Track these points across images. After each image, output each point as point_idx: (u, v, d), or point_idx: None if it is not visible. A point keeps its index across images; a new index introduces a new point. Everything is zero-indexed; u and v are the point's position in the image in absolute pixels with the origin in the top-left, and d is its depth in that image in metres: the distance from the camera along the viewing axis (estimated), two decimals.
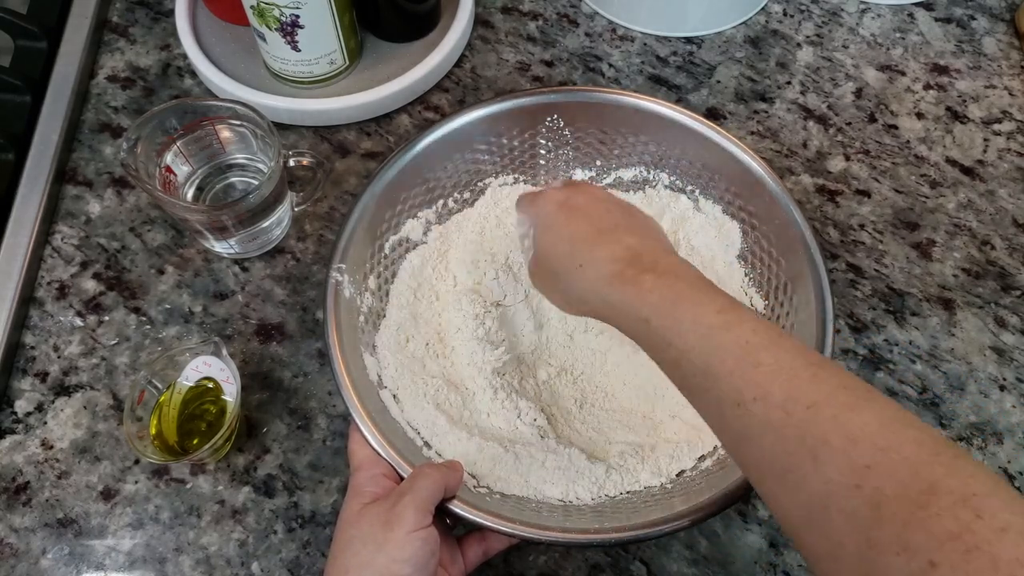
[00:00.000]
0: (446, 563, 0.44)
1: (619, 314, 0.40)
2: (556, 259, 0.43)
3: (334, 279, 0.50)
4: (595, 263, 0.41)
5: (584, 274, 0.41)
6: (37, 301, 0.58)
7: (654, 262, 0.40)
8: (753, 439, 0.33)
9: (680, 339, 0.36)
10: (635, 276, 0.39)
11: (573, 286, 0.42)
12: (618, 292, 0.39)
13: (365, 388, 0.48)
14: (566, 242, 0.43)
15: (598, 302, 0.41)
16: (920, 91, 0.68)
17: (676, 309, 0.37)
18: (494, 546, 0.47)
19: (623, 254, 0.41)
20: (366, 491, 0.43)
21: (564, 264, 0.43)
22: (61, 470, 0.53)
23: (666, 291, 0.38)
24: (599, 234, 0.42)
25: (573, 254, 0.42)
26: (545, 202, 0.46)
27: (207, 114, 0.55)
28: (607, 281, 0.40)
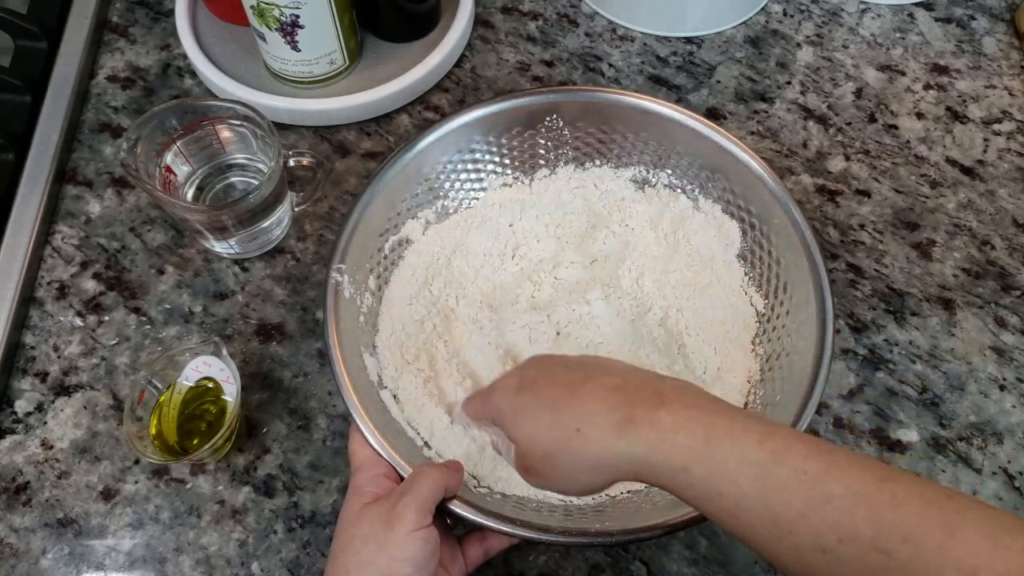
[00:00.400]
0: (447, 563, 0.44)
1: (649, 467, 0.35)
2: (544, 439, 0.38)
3: (334, 279, 0.50)
4: (592, 419, 0.36)
5: (585, 438, 0.36)
6: (37, 301, 0.58)
7: (658, 393, 0.36)
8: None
9: (732, 486, 0.33)
10: (646, 417, 0.35)
11: (578, 457, 0.37)
12: (637, 443, 0.35)
13: (365, 388, 0.48)
14: (547, 413, 0.38)
15: (617, 461, 0.36)
16: (920, 91, 0.68)
17: (713, 449, 0.33)
18: (495, 546, 0.47)
19: (617, 397, 0.36)
20: (366, 491, 0.43)
21: (556, 439, 0.37)
22: (61, 470, 0.53)
23: (693, 428, 0.34)
24: (574, 389, 0.38)
25: (561, 423, 0.37)
26: (499, 394, 0.42)
27: (207, 114, 0.55)
28: (617, 434, 0.35)
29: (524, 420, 0.39)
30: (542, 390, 0.39)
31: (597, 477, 0.37)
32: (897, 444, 0.54)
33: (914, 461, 0.53)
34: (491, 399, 0.42)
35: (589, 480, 0.37)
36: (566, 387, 0.38)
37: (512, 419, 0.40)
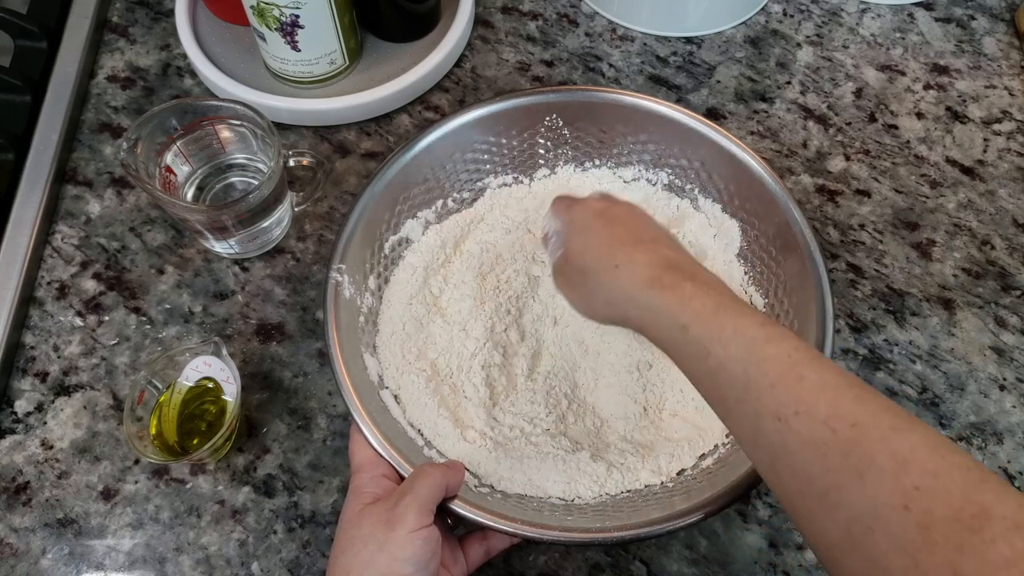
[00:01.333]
0: (448, 563, 0.44)
1: (653, 318, 0.39)
2: (590, 257, 0.42)
3: (334, 279, 0.50)
4: (632, 265, 0.40)
5: (619, 274, 0.40)
6: (37, 301, 0.58)
7: (692, 273, 0.39)
8: (793, 455, 0.32)
9: (721, 348, 0.35)
10: (674, 282, 0.38)
11: (604, 286, 0.41)
12: (656, 296, 0.38)
13: (366, 388, 0.48)
14: (604, 243, 0.42)
15: (630, 305, 0.40)
16: (920, 91, 0.68)
17: (717, 317, 0.36)
18: (496, 545, 0.47)
19: (662, 261, 0.40)
20: (367, 492, 0.43)
21: (599, 263, 0.42)
22: (61, 470, 0.53)
23: (707, 299, 0.37)
24: (638, 242, 0.42)
25: (611, 254, 0.41)
26: (583, 208, 0.45)
27: (207, 114, 0.55)
28: (644, 284, 0.39)
29: (584, 238, 0.43)
30: (614, 226, 0.43)
31: (609, 310, 0.41)
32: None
33: None
34: (573, 207, 0.46)
35: (602, 310, 0.42)
36: (633, 236, 0.42)
37: (577, 232, 0.44)
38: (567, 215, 0.46)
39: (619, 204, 0.46)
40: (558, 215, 0.47)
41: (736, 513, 0.52)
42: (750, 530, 0.51)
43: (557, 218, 0.47)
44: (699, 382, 0.37)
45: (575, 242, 0.44)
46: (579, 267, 0.43)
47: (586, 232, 0.44)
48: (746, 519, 0.51)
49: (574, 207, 0.46)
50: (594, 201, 0.46)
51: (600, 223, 0.44)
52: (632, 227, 0.43)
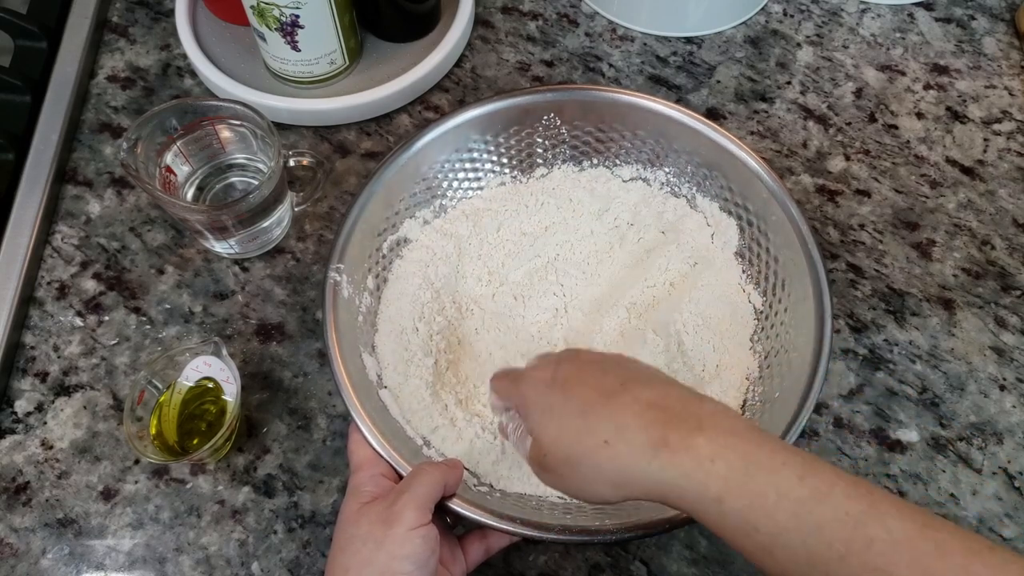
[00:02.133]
0: (447, 562, 0.44)
1: (678, 493, 0.33)
2: (568, 443, 0.36)
3: (333, 279, 0.50)
4: (623, 434, 0.35)
5: (614, 452, 0.35)
6: (37, 301, 0.58)
7: (696, 416, 0.34)
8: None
9: (768, 521, 0.31)
10: (683, 441, 0.33)
11: (602, 471, 0.35)
12: (671, 467, 0.33)
13: (364, 388, 0.48)
14: (576, 419, 0.36)
15: (644, 482, 0.34)
16: (920, 91, 0.68)
17: (752, 481, 0.32)
18: (495, 544, 0.47)
19: (652, 415, 0.35)
20: (365, 491, 0.43)
21: (581, 445, 0.36)
22: (61, 470, 0.53)
23: (731, 457, 0.33)
24: (610, 396, 0.36)
25: (591, 430, 0.35)
26: (530, 384, 0.39)
27: (207, 114, 0.55)
28: (649, 455, 0.34)
29: (550, 419, 0.38)
30: (574, 390, 0.37)
31: (617, 492, 0.36)
32: (897, 444, 0.54)
33: (914, 461, 0.53)
34: (520, 387, 0.40)
35: (607, 493, 0.36)
36: (600, 393, 0.36)
37: (538, 415, 0.38)
38: (516, 397, 0.40)
39: (564, 361, 0.40)
40: (505, 399, 0.42)
41: None
42: None
43: (505, 403, 0.42)
44: (752, 557, 0.33)
45: (543, 430, 0.38)
46: (562, 457, 0.37)
47: (548, 413, 0.38)
48: None
49: (520, 384, 0.40)
50: (537, 371, 0.40)
51: (557, 394, 0.38)
52: (591, 382, 0.37)
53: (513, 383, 0.41)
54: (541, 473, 0.39)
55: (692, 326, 0.54)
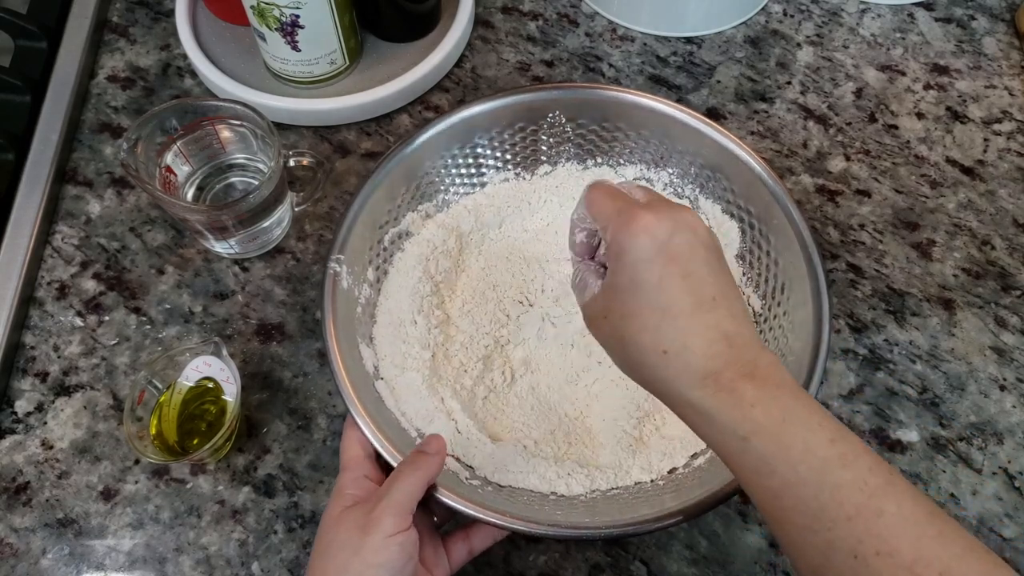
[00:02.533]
0: (430, 564, 0.44)
1: (706, 421, 0.34)
2: (635, 328, 0.35)
3: (332, 270, 0.50)
4: (685, 355, 0.34)
5: (668, 363, 0.34)
6: (37, 301, 0.58)
7: (753, 363, 0.34)
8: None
9: (788, 468, 0.32)
10: (733, 382, 0.34)
11: (647, 370, 0.35)
12: (711, 398, 0.34)
13: (361, 379, 0.49)
14: (655, 311, 0.35)
15: (677, 401, 0.35)
16: (920, 91, 0.68)
17: (784, 431, 0.33)
18: (478, 545, 0.47)
19: (720, 348, 0.34)
20: (348, 494, 0.43)
21: (644, 340, 0.35)
22: (61, 470, 0.53)
23: (771, 407, 0.33)
24: (696, 310, 0.34)
25: (660, 332, 0.35)
26: (639, 231, 0.35)
27: (207, 114, 0.55)
28: (698, 382, 0.34)
29: (632, 294, 0.35)
30: (672, 278, 0.35)
31: (646, 386, 0.36)
32: (897, 444, 0.54)
33: (914, 461, 0.53)
34: (624, 225, 0.36)
35: (636, 378, 0.37)
36: (692, 300, 0.35)
37: (624, 278, 0.36)
38: (615, 233, 0.36)
39: (681, 227, 0.36)
40: (600, 223, 0.38)
41: (736, 513, 0.52)
42: (750, 530, 0.51)
43: (596, 225, 0.39)
44: (757, 497, 0.34)
45: (618, 297, 0.36)
46: (618, 333, 0.36)
47: (634, 288, 0.35)
48: (746, 519, 0.51)
49: (628, 223, 0.36)
50: (652, 219, 0.35)
51: (657, 268, 0.35)
52: (694, 278, 0.35)
53: (617, 212, 0.37)
54: (589, 321, 0.39)
55: None
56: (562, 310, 0.55)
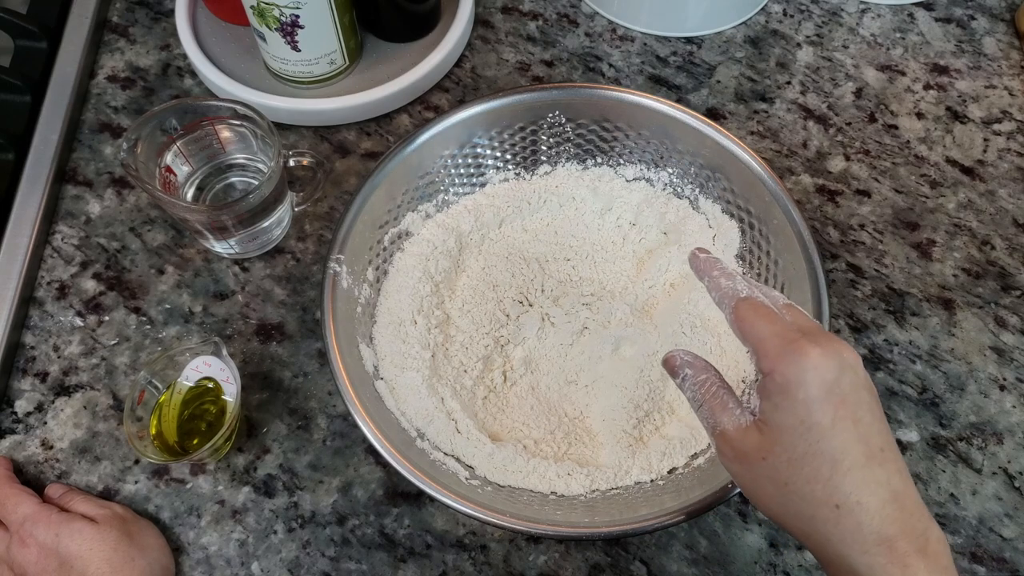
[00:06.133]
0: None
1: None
2: (805, 477, 0.33)
3: (332, 269, 0.50)
4: (859, 512, 0.32)
5: (840, 520, 0.32)
6: (37, 301, 0.58)
7: (924, 536, 0.32)
8: None
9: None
10: (907, 556, 0.32)
11: (817, 524, 0.33)
12: (881, 570, 0.32)
13: (360, 378, 0.49)
14: (827, 460, 0.32)
15: (843, 561, 0.33)
16: (920, 91, 0.68)
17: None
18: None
19: (892, 510, 0.32)
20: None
21: (815, 491, 0.33)
22: (61, 470, 0.53)
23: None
24: (868, 462, 0.33)
25: (832, 483, 0.32)
26: (810, 367, 0.33)
27: (207, 114, 0.55)
28: (871, 547, 0.32)
29: (800, 438, 0.33)
30: (843, 424, 0.33)
31: (809, 540, 0.34)
32: (897, 444, 0.54)
33: (914, 461, 0.53)
34: (790, 358, 0.33)
35: (795, 531, 0.34)
36: (863, 449, 0.33)
37: (792, 420, 0.33)
38: (778, 366, 0.34)
39: (846, 369, 0.33)
40: (759, 348, 0.35)
41: (736, 513, 0.52)
42: (750, 530, 0.51)
43: (748, 348, 0.36)
44: None
45: (785, 439, 0.33)
46: (781, 479, 0.33)
47: (807, 431, 0.33)
48: (746, 519, 0.51)
49: (799, 359, 0.33)
50: (823, 359, 0.33)
51: (829, 414, 0.32)
52: (863, 424, 0.33)
53: (781, 342, 0.34)
54: (736, 456, 0.35)
55: (690, 327, 0.54)
56: (562, 310, 0.55)
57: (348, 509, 0.52)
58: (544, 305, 0.56)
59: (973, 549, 0.51)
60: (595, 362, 0.54)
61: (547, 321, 0.55)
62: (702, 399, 0.37)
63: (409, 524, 0.51)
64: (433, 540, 0.51)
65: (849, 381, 0.33)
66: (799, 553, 0.50)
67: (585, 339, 0.55)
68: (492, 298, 0.56)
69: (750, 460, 0.35)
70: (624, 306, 0.55)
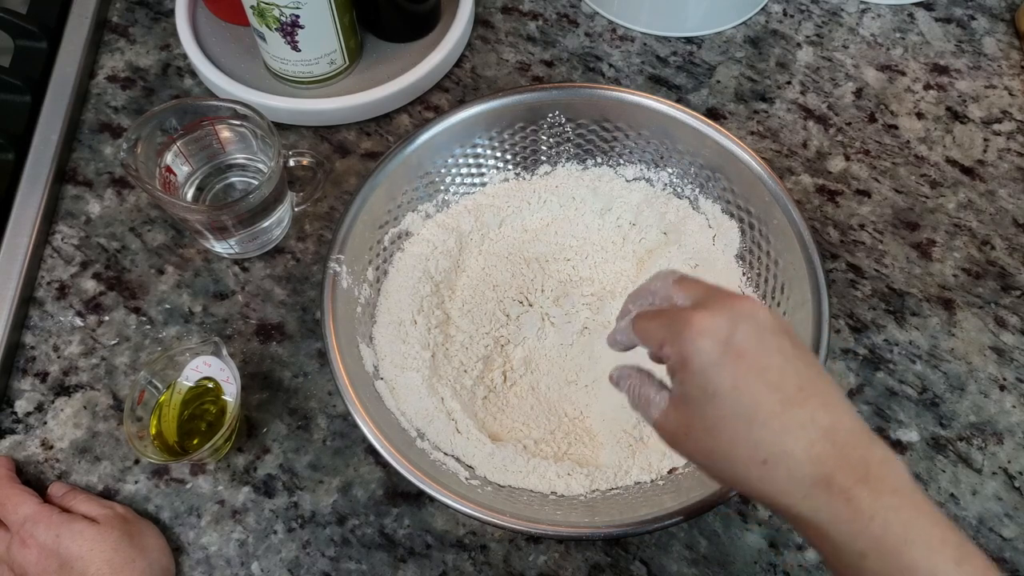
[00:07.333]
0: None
1: (822, 536, 0.32)
2: (725, 442, 0.33)
3: (332, 269, 0.50)
4: (786, 461, 0.32)
5: (770, 474, 0.32)
6: (37, 301, 0.58)
7: (864, 462, 0.32)
8: None
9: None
10: (846, 489, 0.31)
11: (747, 480, 0.33)
12: (824, 511, 0.31)
13: (360, 378, 0.49)
14: (740, 420, 0.32)
15: (786, 510, 0.32)
16: (920, 91, 0.68)
17: (905, 550, 0.30)
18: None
19: (822, 448, 0.31)
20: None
21: (738, 453, 0.32)
22: (61, 470, 0.53)
23: (892, 521, 0.31)
24: (785, 408, 0.32)
25: (752, 443, 0.32)
26: (695, 339, 0.33)
27: (207, 114, 0.55)
28: (805, 490, 0.32)
29: (709, 405, 0.33)
30: (747, 377, 0.32)
31: (755, 498, 0.34)
32: (897, 444, 0.54)
33: (914, 461, 0.53)
34: (680, 336, 0.33)
35: (742, 492, 0.35)
36: (776, 396, 0.32)
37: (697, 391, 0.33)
38: (672, 347, 0.34)
39: (741, 321, 0.33)
40: (649, 343, 0.36)
41: (736, 513, 0.52)
42: (750, 530, 0.51)
43: (647, 345, 0.36)
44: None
45: (695, 413, 0.33)
46: (707, 450, 0.34)
47: (711, 397, 0.33)
48: (746, 519, 0.51)
49: (678, 334, 0.33)
50: (708, 320, 0.33)
51: (727, 374, 0.32)
52: (771, 372, 0.32)
53: (667, 326, 0.34)
54: (669, 439, 0.36)
55: None
56: (562, 310, 0.55)
57: (348, 509, 0.52)
58: (544, 305, 0.56)
59: None
60: (595, 362, 0.54)
61: (547, 321, 0.55)
62: (635, 399, 0.37)
63: (409, 524, 0.51)
64: (433, 540, 0.51)
65: (745, 332, 0.33)
66: (799, 553, 0.51)
67: (585, 339, 0.55)
68: (492, 298, 0.56)
69: (678, 438, 0.35)
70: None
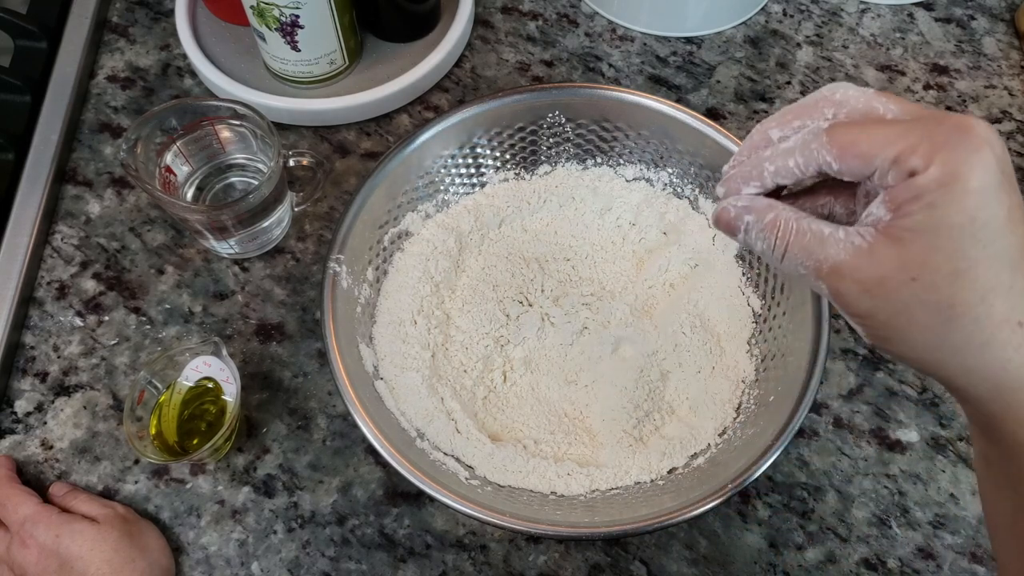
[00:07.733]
0: None
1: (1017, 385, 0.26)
2: (976, 290, 0.25)
3: (332, 270, 0.50)
4: (1010, 294, 0.25)
5: (990, 310, 0.25)
6: (37, 301, 0.58)
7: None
8: None
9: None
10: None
11: (991, 351, 0.26)
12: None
13: (360, 378, 0.49)
14: (1005, 264, 0.25)
15: (976, 358, 0.26)
16: (920, 91, 0.68)
17: None
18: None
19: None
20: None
21: (994, 309, 0.25)
22: (61, 470, 0.53)
23: None
24: None
25: (1015, 295, 0.26)
26: (983, 146, 0.25)
27: (207, 114, 0.55)
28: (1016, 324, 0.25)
29: (974, 238, 0.25)
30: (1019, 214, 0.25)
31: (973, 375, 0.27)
32: (897, 444, 0.54)
33: (914, 461, 0.53)
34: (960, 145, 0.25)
35: (956, 367, 0.27)
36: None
37: (965, 213, 0.25)
38: (936, 155, 0.25)
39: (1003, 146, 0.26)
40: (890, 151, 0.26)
41: (736, 513, 0.52)
42: (750, 530, 0.51)
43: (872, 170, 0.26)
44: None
45: (951, 248, 0.25)
46: (943, 300, 0.26)
47: (979, 230, 0.25)
48: (746, 519, 0.51)
49: (965, 138, 0.25)
50: (984, 126, 0.25)
51: (1004, 203, 0.25)
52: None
53: (921, 128, 0.26)
54: (857, 297, 0.27)
55: (690, 327, 0.54)
56: (562, 310, 0.55)
57: (348, 509, 0.52)
58: (544, 305, 0.56)
59: (973, 549, 0.51)
60: (595, 362, 0.54)
61: (547, 321, 0.55)
62: (784, 242, 0.28)
63: (409, 524, 0.51)
64: (433, 540, 0.51)
65: (1008, 159, 0.26)
66: (799, 553, 0.51)
67: (585, 339, 0.55)
68: (492, 298, 0.56)
69: (890, 286, 0.26)
70: (624, 306, 0.55)
